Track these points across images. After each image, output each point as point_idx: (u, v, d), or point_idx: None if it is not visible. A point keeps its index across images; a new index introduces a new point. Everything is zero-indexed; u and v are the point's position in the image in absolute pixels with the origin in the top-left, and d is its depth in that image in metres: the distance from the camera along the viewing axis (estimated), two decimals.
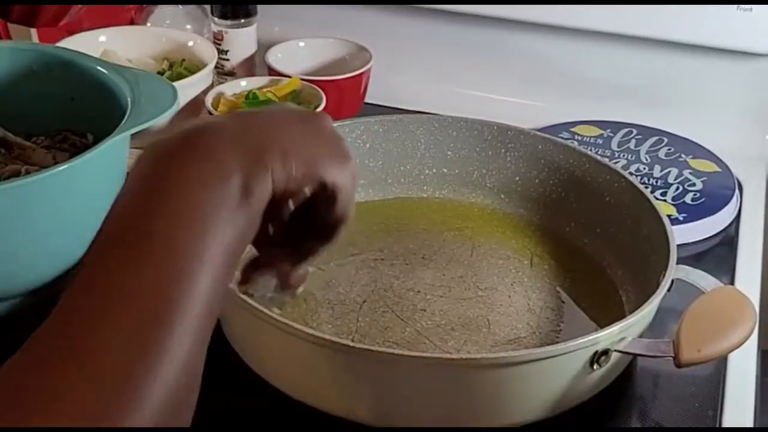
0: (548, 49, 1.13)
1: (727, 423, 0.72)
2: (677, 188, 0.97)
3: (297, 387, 0.70)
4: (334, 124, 0.54)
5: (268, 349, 0.71)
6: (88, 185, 0.74)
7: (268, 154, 0.47)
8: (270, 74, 1.07)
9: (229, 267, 0.45)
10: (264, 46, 1.11)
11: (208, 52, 1.06)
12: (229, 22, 1.10)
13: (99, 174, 0.75)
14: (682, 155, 1.03)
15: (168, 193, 0.44)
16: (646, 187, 0.86)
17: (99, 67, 0.84)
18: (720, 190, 0.98)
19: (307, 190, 0.49)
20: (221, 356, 0.74)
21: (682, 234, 0.89)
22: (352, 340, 0.74)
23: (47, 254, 0.75)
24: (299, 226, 0.53)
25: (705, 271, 0.74)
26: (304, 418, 0.69)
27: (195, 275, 0.42)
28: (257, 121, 0.50)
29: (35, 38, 1.07)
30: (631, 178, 0.84)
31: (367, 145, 0.92)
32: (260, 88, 1.03)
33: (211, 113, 0.99)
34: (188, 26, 1.18)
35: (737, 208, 0.98)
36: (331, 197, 0.51)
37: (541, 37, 1.12)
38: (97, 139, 0.81)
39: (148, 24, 1.18)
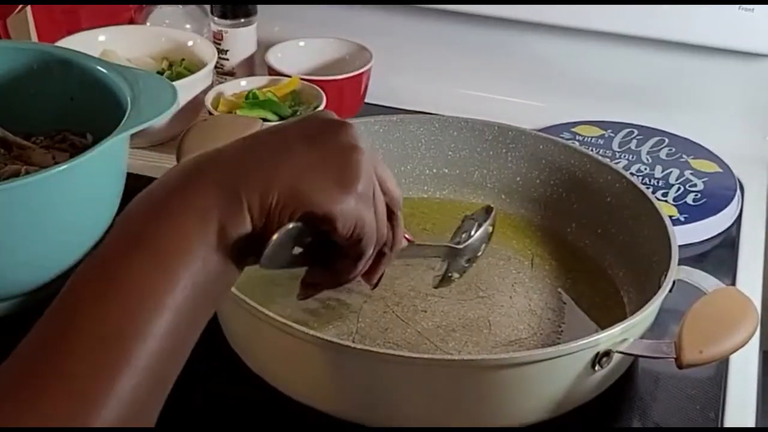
0: (549, 50, 1.13)
1: (728, 424, 0.72)
2: (678, 189, 0.97)
3: (297, 387, 0.70)
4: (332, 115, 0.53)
5: (268, 349, 0.70)
6: (87, 185, 0.74)
7: (246, 189, 0.47)
8: (270, 74, 1.06)
9: (200, 308, 0.46)
10: (264, 46, 1.11)
11: (207, 52, 1.06)
12: (228, 22, 1.10)
13: (98, 174, 0.75)
14: (684, 156, 1.03)
15: (145, 238, 0.45)
16: (648, 188, 0.86)
17: (98, 67, 0.84)
18: (721, 191, 0.97)
19: (291, 224, 0.48)
20: (221, 356, 0.74)
21: (684, 235, 0.89)
22: (353, 341, 0.74)
23: (47, 254, 0.75)
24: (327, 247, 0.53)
25: (706, 271, 0.74)
26: (304, 418, 0.69)
27: (154, 319, 0.43)
28: (250, 148, 0.49)
29: (35, 38, 1.07)
30: (633, 179, 0.84)
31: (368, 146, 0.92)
32: (260, 88, 1.02)
33: (210, 113, 0.98)
34: (188, 26, 1.18)
35: (738, 209, 0.98)
36: (328, 227, 0.49)
37: (542, 38, 1.12)
38: (97, 139, 0.80)
39: (148, 23, 1.17)
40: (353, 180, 0.49)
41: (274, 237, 0.47)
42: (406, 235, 0.58)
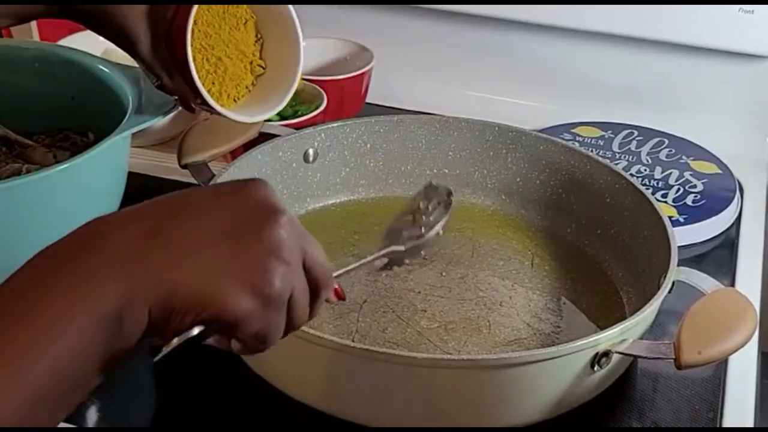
0: (550, 51, 1.13)
1: (727, 425, 0.72)
2: (678, 190, 0.97)
3: (297, 387, 0.70)
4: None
5: (268, 349, 0.70)
6: (88, 184, 0.74)
7: (148, 292, 0.43)
8: None
9: (57, 392, 0.42)
10: None
11: None
12: None
13: (100, 173, 0.75)
14: (683, 157, 1.03)
15: (35, 300, 0.42)
16: (647, 189, 0.86)
17: (100, 66, 0.84)
18: (721, 192, 0.97)
19: (195, 330, 0.45)
20: (221, 356, 0.74)
21: (683, 235, 0.89)
22: (353, 341, 0.74)
23: None
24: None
25: (706, 272, 0.74)
26: (304, 418, 0.69)
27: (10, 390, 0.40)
28: (156, 246, 0.45)
29: (36, 37, 1.07)
30: (632, 180, 0.84)
31: (368, 146, 0.92)
32: None
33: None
34: None
35: (738, 210, 0.98)
36: (232, 329, 0.46)
37: (542, 39, 1.12)
38: (98, 138, 0.81)
39: None
40: (267, 287, 0.46)
41: (174, 341, 0.45)
42: (337, 288, 0.54)
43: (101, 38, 1.05)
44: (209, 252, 0.45)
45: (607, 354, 0.66)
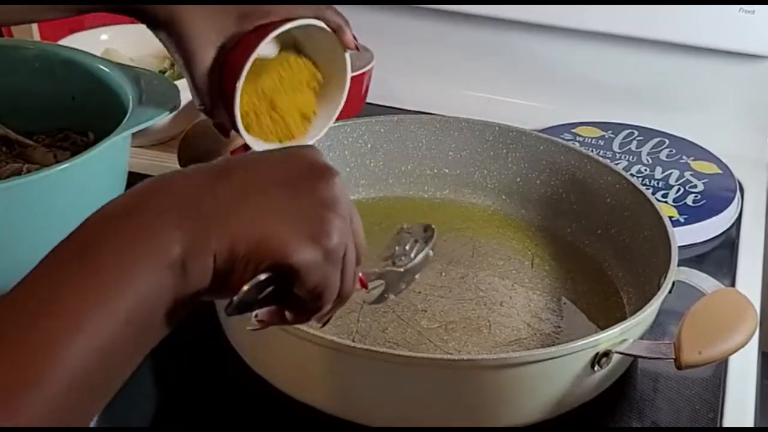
0: (550, 50, 1.13)
1: (727, 425, 0.72)
2: (678, 190, 0.97)
3: (297, 387, 0.70)
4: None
5: (269, 348, 0.71)
6: (89, 184, 0.74)
7: (213, 238, 0.44)
8: None
9: (134, 342, 0.43)
10: None
11: None
12: None
13: (100, 173, 0.75)
14: (684, 157, 1.03)
15: (100, 253, 0.43)
16: (648, 189, 0.86)
17: (101, 66, 0.84)
18: (721, 192, 0.97)
19: (263, 276, 0.45)
20: (222, 356, 0.74)
21: (683, 236, 0.89)
22: (353, 341, 0.74)
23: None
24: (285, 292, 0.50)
25: (706, 272, 0.74)
26: (304, 417, 0.69)
27: (81, 338, 0.41)
28: (216, 190, 0.46)
29: (37, 36, 1.07)
30: (633, 180, 0.84)
31: (369, 146, 0.92)
32: None
33: None
34: None
35: (738, 210, 0.98)
36: (293, 280, 0.47)
37: (543, 38, 1.12)
38: (99, 138, 0.81)
39: None
40: (325, 237, 0.46)
41: (244, 288, 0.45)
42: (361, 275, 0.56)
43: (102, 38, 1.06)
44: (269, 201, 0.46)
45: (607, 354, 0.66)
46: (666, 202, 0.95)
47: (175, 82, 0.82)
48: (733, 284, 0.87)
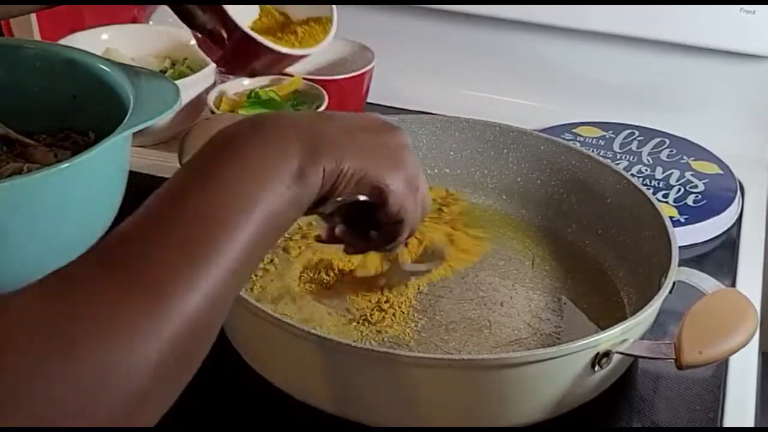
0: (551, 51, 1.13)
1: (727, 425, 0.72)
2: (679, 190, 0.97)
3: (297, 386, 0.70)
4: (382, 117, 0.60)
5: (269, 348, 0.71)
6: (89, 183, 0.74)
7: (324, 155, 0.53)
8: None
9: (268, 235, 0.49)
10: None
11: None
12: None
13: (101, 172, 0.75)
14: (684, 157, 1.03)
15: (229, 160, 0.49)
16: (648, 189, 0.86)
17: (101, 65, 0.85)
18: (722, 192, 0.98)
19: (360, 196, 0.56)
20: (222, 355, 0.74)
21: (684, 236, 0.89)
22: (354, 340, 0.74)
23: (49, 252, 0.75)
24: (367, 227, 0.62)
25: (706, 273, 0.74)
26: (305, 417, 0.69)
27: (240, 224, 0.47)
28: (323, 124, 0.55)
29: (38, 36, 1.07)
30: (633, 180, 0.84)
31: None
32: (262, 87, 1.02)
33: (213, 112, 0.98)
34: None
35: (739, 210, 0.98)
36: (383, 199, 0.57)
37: (543, 38, 1.12)
38: (99, 137, 0.81)
39: (151, 22, 1.18)
40: (405, 166, 0.58)
41: (341, 198, 0.55)
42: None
43: (102, 37, 1.06)
44: (362, 139, 0.56)
45: (607, 354, 0.66)
46: (666, 202, 0.95)
47: (176, 82, 0.82)
48: (733, 284, 0.87)
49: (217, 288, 0.44)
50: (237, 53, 0.85)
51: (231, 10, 0.81)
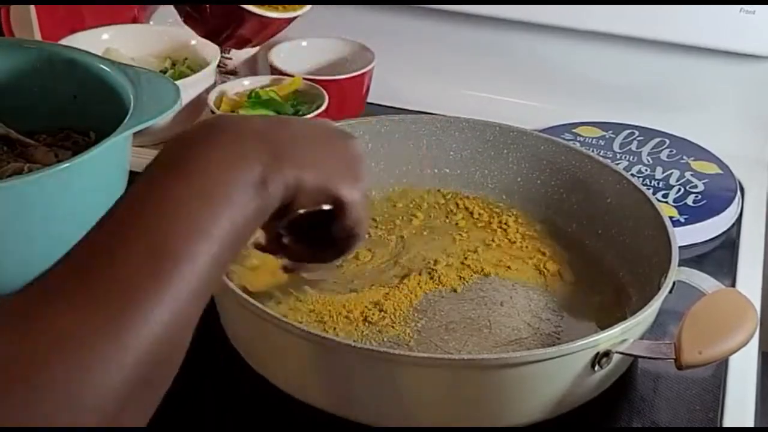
0: (551, 51, 1.13)
1: (727, 425, 0.72)
2: (679, 190, 0.97)
3: (297, 386, 0.70)
4: (337, 124, 0.56)
5: (269, 347, 0.71)
6: (90, 183, 0.74)
7: (286, 163, 0.51)
8: (272, 73, 1.07)
9: (231, 248, 0.47)
10: (267, 45, 1.11)
11: (210, 51, 1.06)
12: None
13: (101, 172, 0.75)
14: (684, 157, 1.03)
15: (190, 168, 0.47)
16: (648, 189, 0.86)
17: (101, 65, 0.85)
18: (722, 192, 0.98)
19: (325, 206, 0.55)
20: (222, 355, 0.74)
21: (684, 236, 0.89)
22: (354, 340, 0.74)
23: (49, 252, 0.75)
24: (316, 239, 0.62)
25: (706, 273, 0.74)
26: (304, 417, 0.69)
27: (199, 244, 0.45)
28: (283, 130, 0.54)
29: (38, 36, 1.07)
30: (633, 180, 0.84)
31: (370, 145, 0.92)
32: (263, 87, 1.03)
33: (213, 112, 0.99)
34: None
35: (739, 210, 0.98)
36: (342, 212, 0.57)
37: (543, 38, 1.12)
38: (100, 137, 0.81)
39: (151, 22, 1.18)
40: (362, 179, 0.58)
41: (302, 211, 0.54)
42: None
43: (103, 37, 1.06)
44: (323, 147, 0.56)
45: (607, 354, 0.66)
46: (666, 202, 0.95)
47: (176, 82, 0.82)
48: (733, 284, 0.87)
49: (182, 309, 0.43)
50: (221, 23, 0.86)
51: None
